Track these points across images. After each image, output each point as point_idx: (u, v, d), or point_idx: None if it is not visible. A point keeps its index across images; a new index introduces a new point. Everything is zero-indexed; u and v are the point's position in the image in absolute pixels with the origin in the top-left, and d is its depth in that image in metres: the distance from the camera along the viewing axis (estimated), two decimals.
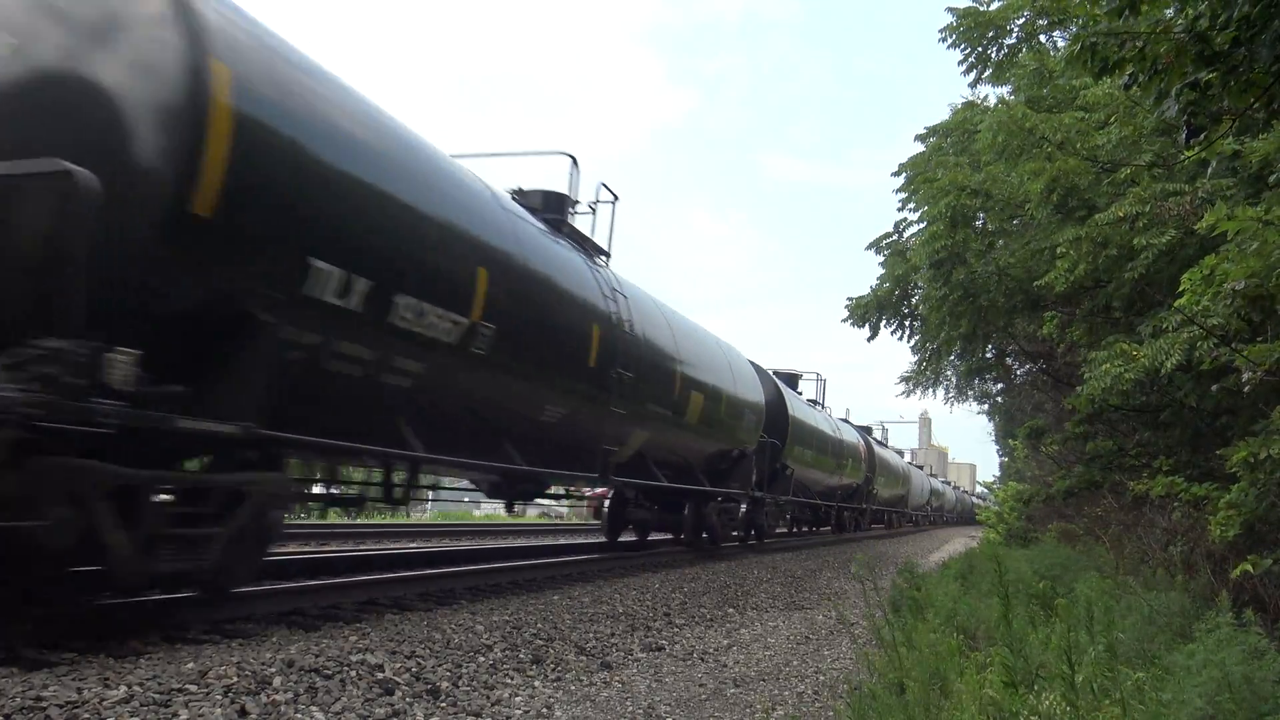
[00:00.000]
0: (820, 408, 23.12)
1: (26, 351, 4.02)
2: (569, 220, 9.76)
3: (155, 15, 4.69)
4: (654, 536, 15.12)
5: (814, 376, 23.22)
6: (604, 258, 10.61)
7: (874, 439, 31.50)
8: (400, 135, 6.76)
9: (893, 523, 37.74)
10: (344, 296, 5.71)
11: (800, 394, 21.25)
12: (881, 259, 17.98)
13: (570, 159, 9.93)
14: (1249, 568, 5.71)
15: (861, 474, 25.63)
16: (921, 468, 51.70)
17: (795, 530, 24.01)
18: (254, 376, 5.19)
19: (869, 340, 18.36)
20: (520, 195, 9.17)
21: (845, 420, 27.47)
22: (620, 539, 14.08)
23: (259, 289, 5.26)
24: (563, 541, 15.42)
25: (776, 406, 16.85)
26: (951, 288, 12.33)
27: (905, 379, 22.21)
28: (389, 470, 7.27)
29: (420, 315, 6.43)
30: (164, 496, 4.89)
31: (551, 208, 9.48)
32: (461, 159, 7.93)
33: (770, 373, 18.02)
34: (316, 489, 7.64)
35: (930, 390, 21.75)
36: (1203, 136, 4.70)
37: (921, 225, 14.13)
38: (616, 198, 10.99)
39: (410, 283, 6.32)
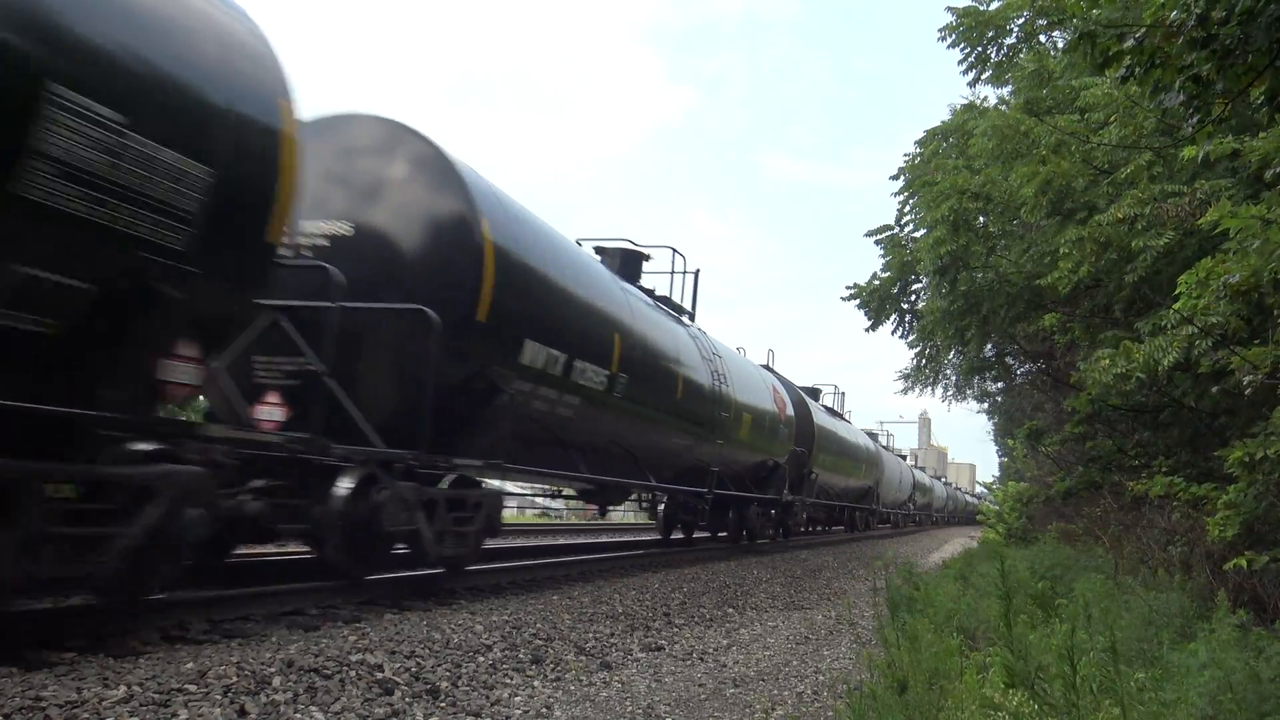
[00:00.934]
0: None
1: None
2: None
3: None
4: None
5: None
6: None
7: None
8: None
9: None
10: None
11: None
12: (881, 250, 17.96)
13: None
14: (1243, 563, 5.71)
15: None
16: (924, 469, 52.13)
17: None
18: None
19: (868, 330, 18.45)
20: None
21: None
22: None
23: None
24: (562, 542, 15.43)
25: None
26: (955, 299, 12.33)
27: (904, 375, 22.28)
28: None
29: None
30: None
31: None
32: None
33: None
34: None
35: (929, 388, 21.81)
36: (1197, 119, 4.70)
37: (923, 231, 14.11)
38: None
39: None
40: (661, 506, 15.69)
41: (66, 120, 3.90)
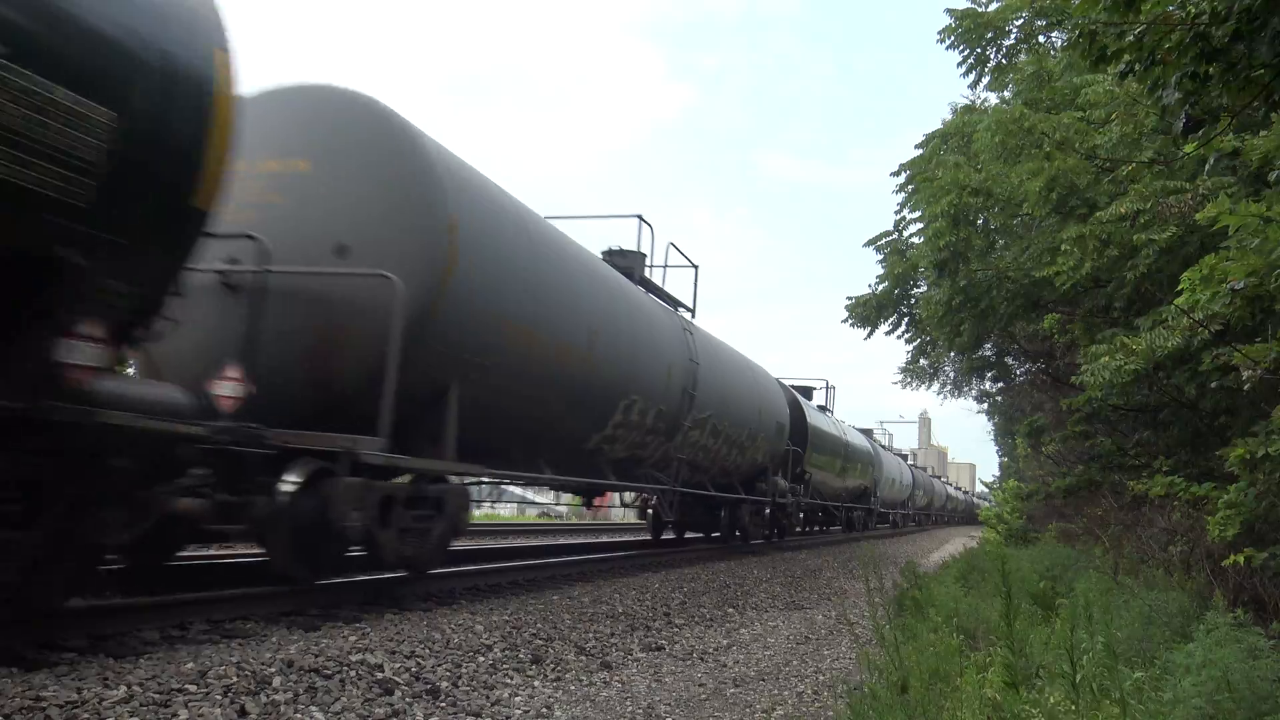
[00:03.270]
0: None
1: None
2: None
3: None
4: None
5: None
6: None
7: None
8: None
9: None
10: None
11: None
12: (880, 257, 17.97)
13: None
14: (1241, 560, 5.70)
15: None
16: (924, 469, 52.15)
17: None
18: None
19: (866, 339, 18.55)
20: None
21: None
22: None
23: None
24: (562, 542, 15.43)
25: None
26: (953, 291, 12.30)
27: (903, 370, 22.41)
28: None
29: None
30: None
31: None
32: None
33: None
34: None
35: (928, 384, 21.87)
36: (1200, 132, 4.69)
37: (922, 225, 14.11)
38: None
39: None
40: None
41: None
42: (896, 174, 16.14)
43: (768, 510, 16.94)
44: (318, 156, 6.70)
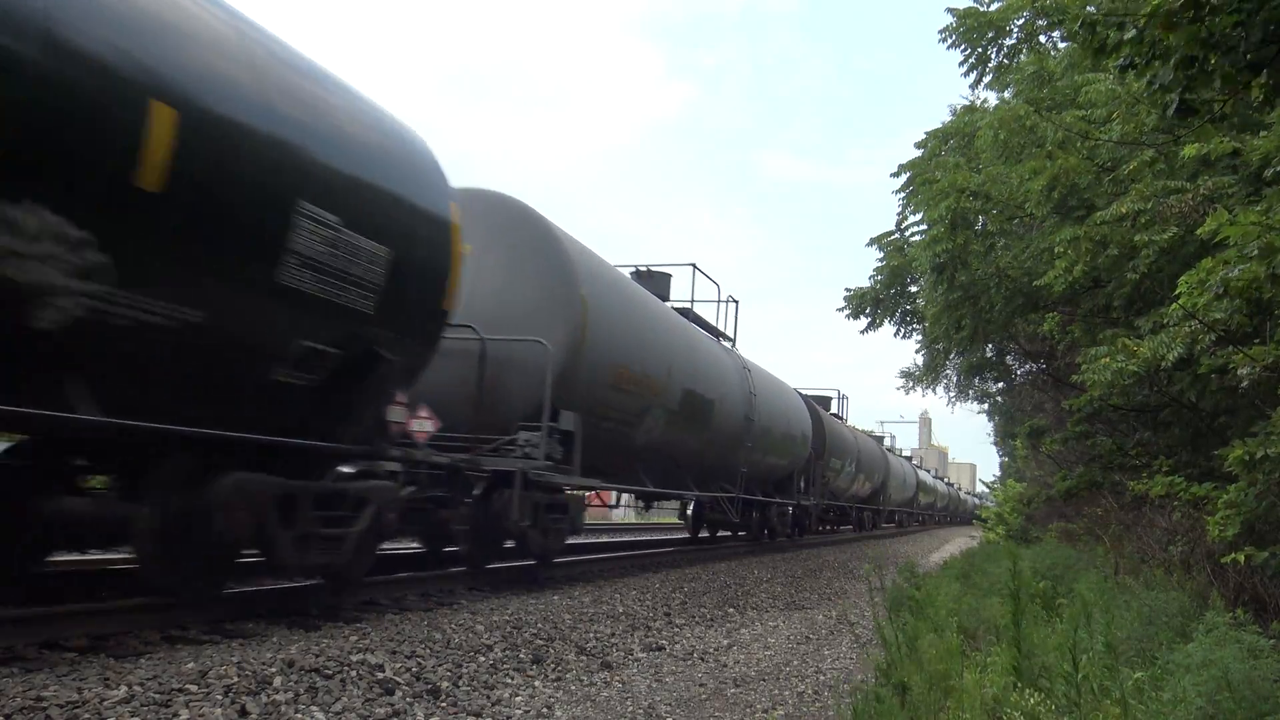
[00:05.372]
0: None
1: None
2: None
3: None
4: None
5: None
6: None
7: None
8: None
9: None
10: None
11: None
12: (881, 255, 17.98)
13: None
14: (1240, 558, 5.70)
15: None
16: (927, 470, 52.42)
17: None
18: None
19: (863, 332, 18.63)
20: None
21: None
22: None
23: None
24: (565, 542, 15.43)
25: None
26: (952, 290, 12.31)
27: (906, 374, 22.51)
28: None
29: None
30: None
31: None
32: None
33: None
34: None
35: (931, 388, 21.95)
36: (1193, 119, 4.70)
37: (923, 227, 14.11)
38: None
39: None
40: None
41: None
42: (897, 174, 16.15)
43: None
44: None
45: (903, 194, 16.18)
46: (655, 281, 13.12)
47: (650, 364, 10.51)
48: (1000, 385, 22.68)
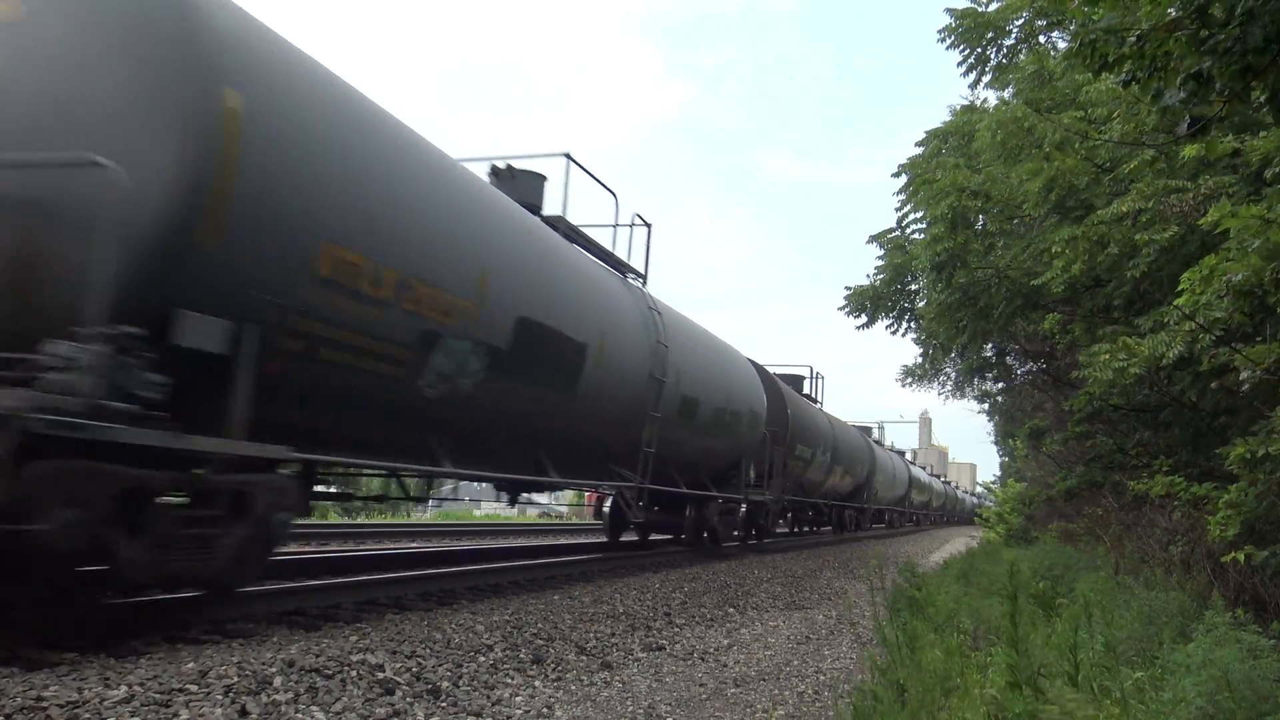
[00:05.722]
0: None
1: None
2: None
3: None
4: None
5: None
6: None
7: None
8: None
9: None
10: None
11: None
12: (881, 253, 18.02)
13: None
14: (1240, 557, 5.70)
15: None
16: (925, 468, 51.99)
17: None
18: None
19: (862, 328, 18.44)
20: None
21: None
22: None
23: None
24: (563, 541, 15.43)
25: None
26: (951, 290, 12.33)
27: (907, 370, 22.58)
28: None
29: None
30: None
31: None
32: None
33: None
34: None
35: (931, 384, 22.01)
36: (1202, 127, 4.71)
37: (923, 225, 14.13)
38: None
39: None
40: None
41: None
42: (897, 175, 16.17)
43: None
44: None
45: (903, 194, 16.23)
46: (519, 184, 9.06)
47: (434, 261, 6.35)
48: (1000, 385, 22.72)
